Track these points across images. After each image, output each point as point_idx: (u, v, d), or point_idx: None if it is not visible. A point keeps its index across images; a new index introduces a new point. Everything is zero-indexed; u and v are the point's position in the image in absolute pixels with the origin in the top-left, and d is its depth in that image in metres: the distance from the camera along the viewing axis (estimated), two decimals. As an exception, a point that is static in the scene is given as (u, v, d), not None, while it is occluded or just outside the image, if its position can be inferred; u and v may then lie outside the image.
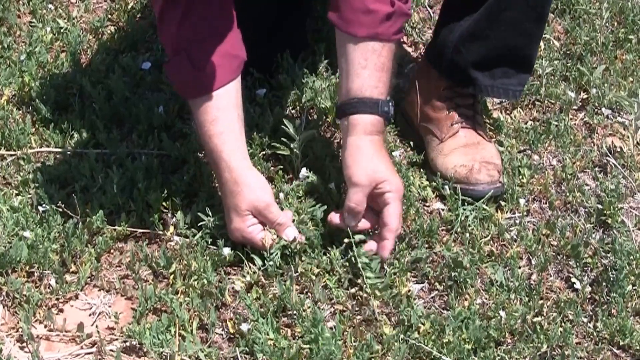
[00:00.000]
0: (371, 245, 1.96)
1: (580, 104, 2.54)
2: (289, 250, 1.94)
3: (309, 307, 1.88)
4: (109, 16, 2.79)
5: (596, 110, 2.50)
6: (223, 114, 1.97)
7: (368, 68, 1.95)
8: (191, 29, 1.96)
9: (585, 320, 1.93)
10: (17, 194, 2.15)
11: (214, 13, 1.97)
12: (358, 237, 1.95)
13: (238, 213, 1.95)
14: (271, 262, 1.93)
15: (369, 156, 1.94)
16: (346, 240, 1.95)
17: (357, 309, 1.91)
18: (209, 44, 1.97)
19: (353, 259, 1.93)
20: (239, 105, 2.01)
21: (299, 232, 1.98)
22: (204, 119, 1.97)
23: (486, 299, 1.96)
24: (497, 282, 1.98)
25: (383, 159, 1.96)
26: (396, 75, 2.15)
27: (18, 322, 1.88)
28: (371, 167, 1.93)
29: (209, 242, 2.00)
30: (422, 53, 2.45)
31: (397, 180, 1.95)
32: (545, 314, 1.93)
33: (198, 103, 1.98)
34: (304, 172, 2.14)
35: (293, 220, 2.00)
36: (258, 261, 1.96)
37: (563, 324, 1.90)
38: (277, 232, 1.96)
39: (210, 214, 2.01)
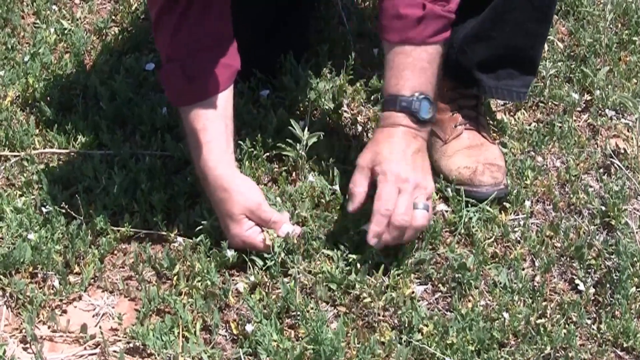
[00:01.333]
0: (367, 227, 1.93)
1: (584, 105, 2.54)
2: (291, 247, 1.94)
3: (312, 309, 1.88)
4: (113, 17, 2.79)
5: (600, 111, 2.50)
6: (211, 124, 1.98)
7: (393, 68, 1.96)
8: (186, 36, 1.96)
9: (588, 322, 1.93)
10: (20, 195, 2.15)
11: (211, 20, 1.97)
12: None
13: (233, 219, 1.95)
14: (274, 262, 1.93)
15: (376, 141, 1.95)
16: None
17: (360, 311, 1.91)
18: (204, 52, 1.97)
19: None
20: (228, 115, 2.01)
21: (298, 224, 1.97)
22: (192, 127, 1.98)
23: (490, 300, 1.96)
24: (500, 283, 1.97)
25: (394, 147, 1.93)
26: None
27: (21, 323, 1.88)
28: (375, 149, 1.94)
29: (213, 243, 2.00)
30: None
31: (397, 166, 1.90)
32: (548, 316, 1.93)
33: (187, 111, 1.99)
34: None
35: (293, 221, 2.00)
36: (260, 262, 1.96)
37: (567, 326, 1.89)
38: (274, 230, 1.96)
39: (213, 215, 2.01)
